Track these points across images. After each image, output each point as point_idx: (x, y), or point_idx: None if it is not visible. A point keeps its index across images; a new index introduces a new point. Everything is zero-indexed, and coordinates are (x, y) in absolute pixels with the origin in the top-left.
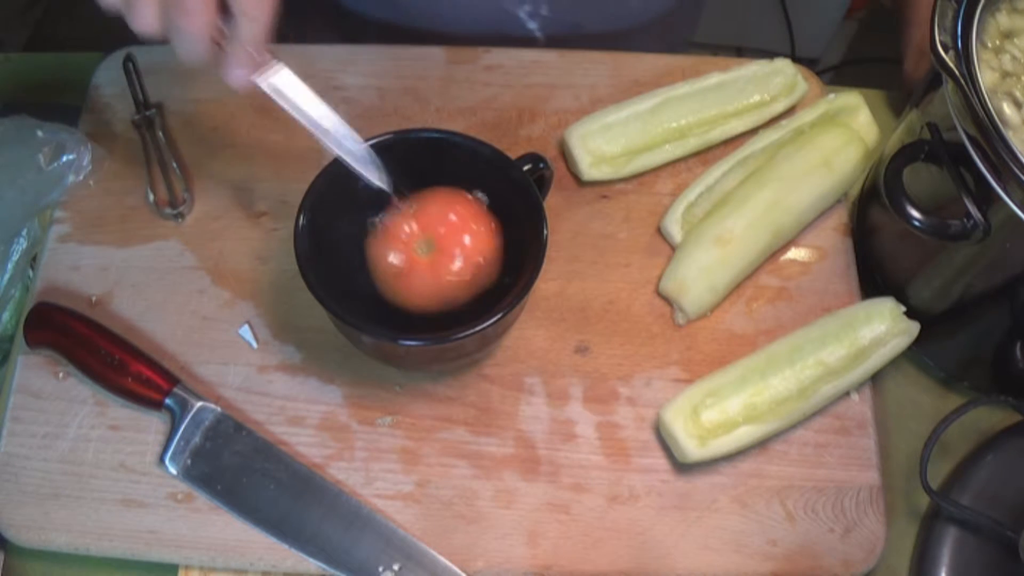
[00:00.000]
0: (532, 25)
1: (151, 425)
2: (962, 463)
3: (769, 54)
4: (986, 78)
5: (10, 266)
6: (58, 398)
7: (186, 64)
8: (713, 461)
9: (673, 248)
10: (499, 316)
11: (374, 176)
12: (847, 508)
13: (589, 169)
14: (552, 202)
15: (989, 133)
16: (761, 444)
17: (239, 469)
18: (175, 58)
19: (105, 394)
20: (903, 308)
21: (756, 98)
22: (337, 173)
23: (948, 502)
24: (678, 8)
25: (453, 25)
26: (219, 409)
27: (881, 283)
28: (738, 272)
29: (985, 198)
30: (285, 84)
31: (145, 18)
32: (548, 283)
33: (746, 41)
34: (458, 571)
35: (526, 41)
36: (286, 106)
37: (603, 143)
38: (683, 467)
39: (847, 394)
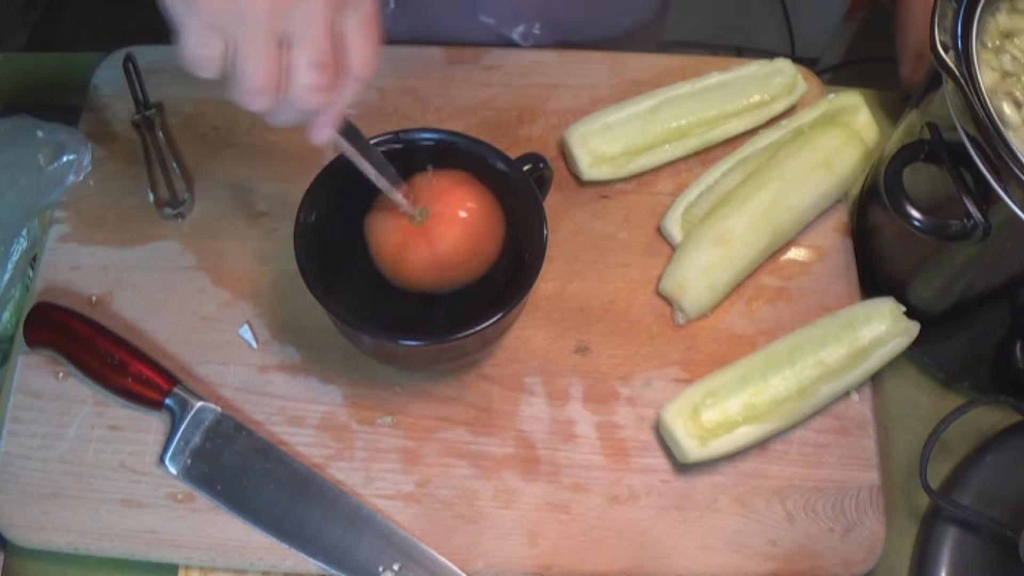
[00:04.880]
0: (524, 44)
1: (151, 425)
2: (962, 463)
3: (769, 54)
4: (986, 78)
5: (10, 266)
6: (58, 398)
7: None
8: (713, 461)
9: (673, 248)
10: (499, 316)
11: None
12: (847, 508)
13: (589, 169)
14: (552, 202)
15: (989, 133)
16: (761, 444)
17: (239, 469)
18: (175, 58)
19: (105, 394)
20: (903, 308)
21: (756, 98)
22: (337, 172)
23: (948, 502)
24: (653, 17)
25: (445, 38)
26: (219, 409)
27: (881, 283)
28: (738, 272)
29: (985, 198)
30: (351, 135)
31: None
32: (548, 283)
33: (746, 41)
34: (458, 571)
35: None
36: (349, 154)
37: (603, 143)
38: (683, 467)
39: (847, 394)
